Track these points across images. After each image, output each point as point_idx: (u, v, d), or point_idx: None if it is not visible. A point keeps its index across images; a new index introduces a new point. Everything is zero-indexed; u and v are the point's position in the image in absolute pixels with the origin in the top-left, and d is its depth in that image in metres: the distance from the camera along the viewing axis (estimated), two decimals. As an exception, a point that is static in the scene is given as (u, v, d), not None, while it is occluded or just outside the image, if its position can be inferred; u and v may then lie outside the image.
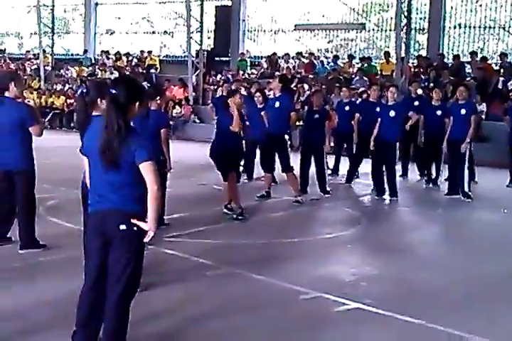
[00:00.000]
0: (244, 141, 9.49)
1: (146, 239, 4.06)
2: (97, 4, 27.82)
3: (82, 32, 28.34)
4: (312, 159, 10.53)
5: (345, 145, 12.46)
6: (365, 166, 11.57)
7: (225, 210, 8.79)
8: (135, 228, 4.03)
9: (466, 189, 10.56)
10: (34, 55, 26.83)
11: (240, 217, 8.57)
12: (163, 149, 7.59)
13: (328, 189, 10.60)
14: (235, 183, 8.81)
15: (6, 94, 6.65)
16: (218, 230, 8.13)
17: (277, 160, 10.07)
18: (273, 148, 9.92)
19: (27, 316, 4.94)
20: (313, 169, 10.55)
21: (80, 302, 4.23)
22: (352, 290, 5.92)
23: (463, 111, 10.58)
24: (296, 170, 10.17)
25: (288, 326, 5.01)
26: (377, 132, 10.40)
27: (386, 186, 10.53)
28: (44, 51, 25.35)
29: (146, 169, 3.97)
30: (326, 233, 8.23)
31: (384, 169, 10.47)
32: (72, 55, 28.37)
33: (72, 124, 21.56)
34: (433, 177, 11.85)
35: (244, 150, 9.45)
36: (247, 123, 11.11)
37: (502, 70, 17.68)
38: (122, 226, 4.01)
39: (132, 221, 4.00)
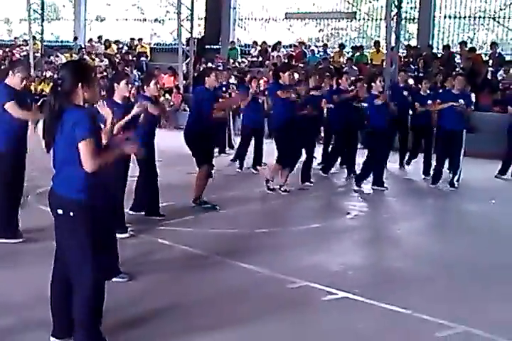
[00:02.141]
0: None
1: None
2: (87, -10, 27.66)
3: (72, 19, 28.16)
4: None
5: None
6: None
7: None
8: (71, 213, 4.01)
9: (456, 179, 10.64)
10: (24, 41, 26.63)
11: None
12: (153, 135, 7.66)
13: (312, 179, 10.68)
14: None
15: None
16: (206, 219, 8.16)
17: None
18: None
19: (7, 303, 4.98)
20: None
21: (51, 287, 4.29)
22: (339, 279, 5.97)
23: (462, 102, 10.50)
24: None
25: (275, 314, 5.05)
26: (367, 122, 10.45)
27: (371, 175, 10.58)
28: (34, 37, 25.13)
29: (82, 149, 3.93)
30: (313, 222, 8.27)
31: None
32: (62, 41, 28.19)
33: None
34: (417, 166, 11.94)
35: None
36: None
37: (491, 61, 17.72)
38: (59, 211, 4.04)
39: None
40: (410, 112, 12.53)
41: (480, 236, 7.83)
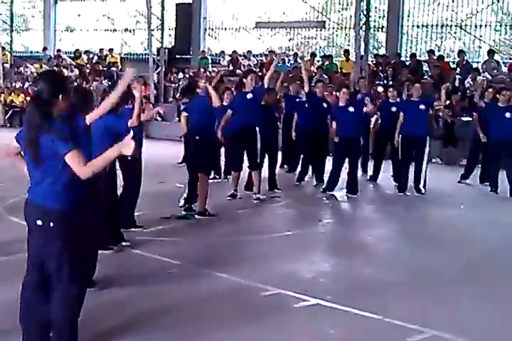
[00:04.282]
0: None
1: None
2: (56, 1, 27.51)
3: (42, 29, 28.02)
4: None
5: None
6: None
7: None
8: (51, 224, 4.03)
9: (422, 185, 10.83)
10: (-7, 51, 26.47)
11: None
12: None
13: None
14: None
15: None
16: (180, 228, 8.18)
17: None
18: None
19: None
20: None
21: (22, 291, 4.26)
22: (311, 286, 6.03)
23: (422, 107, 10.84)
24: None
25: (249, 321, 5.09)
26: (340, 130, 10.52)
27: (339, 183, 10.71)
28: (3, 48, 25.01)
29: (70, 159, 3.94)
30: (286, 230, 8.33)
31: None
32: (31, 52, 28.04)
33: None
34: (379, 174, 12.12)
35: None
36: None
37: (459, 69, 17.98)
38: (38, 222, 4.05)
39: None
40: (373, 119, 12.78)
41: (449, 241, 7.93)
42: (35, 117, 3.99)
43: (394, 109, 11.64)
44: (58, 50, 25.46)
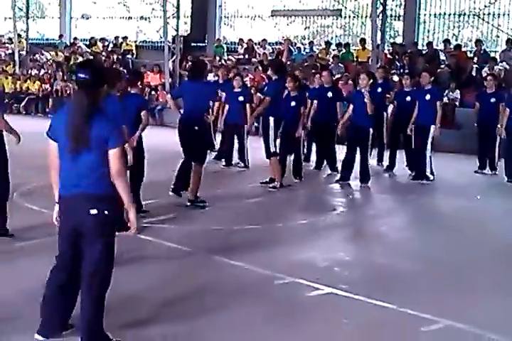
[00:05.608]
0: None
1: (132, 229, 4.18)
2: (72, -12, 27.53)
3: (58, 16, 28.01)
4: None
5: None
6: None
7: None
8: (106, 212, 4.07)
9: (429, 172, 10.85)
10: (9, 39, 26.50)
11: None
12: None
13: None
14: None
15: None
16: (193, 216, 8.18)
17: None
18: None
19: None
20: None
21: (48, 283, 4.27)
22: (325, 275, 6.01)
23: (427, 97, 10.88)
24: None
25: (262, 311, 5.07)
26: (352, 118, 10.48)
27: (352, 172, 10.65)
28: (19, 35, 25.04)
29: (115, 156, 4.03)
30: (300, 219, 8.32)
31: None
32: (47, 39, 28.04)
33: (47, 109, 21.42)
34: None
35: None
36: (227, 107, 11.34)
37: (476, 58, 17.82)
38: (93, 211, 4.05)
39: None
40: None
41: (465, 231, 7.89)
42: (85, 107, 4.02)
43: (409, 98, 11.57)
44: (75, 38, 25.48)
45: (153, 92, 20.31)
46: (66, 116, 4.08)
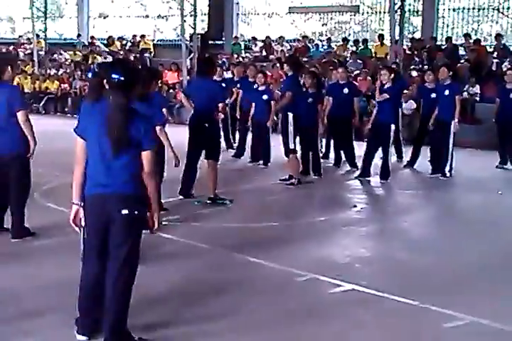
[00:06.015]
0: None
1: (155, 226, 4.23)
2: (89, -12, 27.65)
3: (75, 16, 28.17)
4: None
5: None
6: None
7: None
8: (136, 212, 4.09)
9: (447, 169, 10.76)
10: (27, 39, 26.67)
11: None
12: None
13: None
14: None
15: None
16: (213, 214, 8.17)
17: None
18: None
19: (22, 301, 4.97)
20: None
21: (82, 286, 4.27)
22: (346, 271, 5.98)
23: (446, 92, 10.76)
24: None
25: (284, 308, 5.06)
26: (375, 115, 10.47)
27: (372, 168, 10.61)
28: (37, 36, 25.19)
29: (148, 157, 4.10)
30: (320, 215, 8.28)
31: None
32: (65, 39, 28.20)
33: (66, 109, 21.54)
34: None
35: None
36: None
37: (496, 52, 17.67)
38: (124, 211, 4.06)
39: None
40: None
41: (486, 227, 7.81)
42: (124, 108, 4.05)
43: (434, 95, 11.39)
44: (92, 37, 25.60)
45: (171, 90, 20.33)
46: (101, 117, 4.07)
